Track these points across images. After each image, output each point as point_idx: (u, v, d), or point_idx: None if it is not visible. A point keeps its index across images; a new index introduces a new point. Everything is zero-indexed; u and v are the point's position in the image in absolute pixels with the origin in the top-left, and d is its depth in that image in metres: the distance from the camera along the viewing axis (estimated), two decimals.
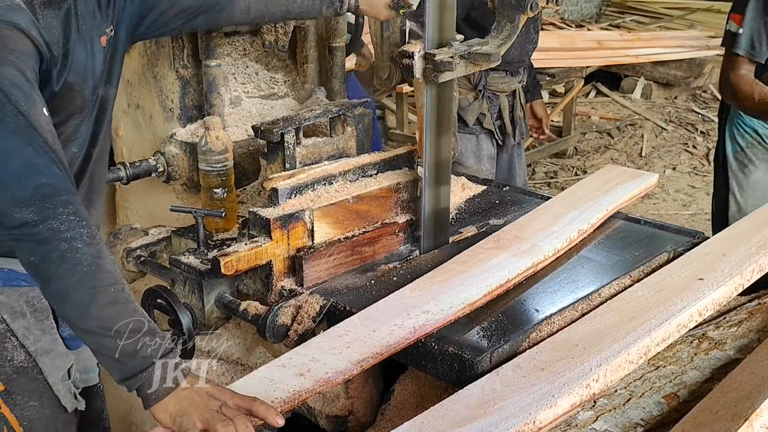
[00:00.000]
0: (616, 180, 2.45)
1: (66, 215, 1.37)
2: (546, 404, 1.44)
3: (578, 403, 1.51)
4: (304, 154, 2.27)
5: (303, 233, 2.00)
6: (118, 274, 1.44)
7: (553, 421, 1.46)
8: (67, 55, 1.58)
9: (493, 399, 1.48)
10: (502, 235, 2.12)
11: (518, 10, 2.03)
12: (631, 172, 2.56)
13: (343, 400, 1.94)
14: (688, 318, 1.74)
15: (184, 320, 1.89)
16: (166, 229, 2.32)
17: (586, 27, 8.49)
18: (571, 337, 1.69)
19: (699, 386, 1.65)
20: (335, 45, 2.58)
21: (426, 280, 1.92)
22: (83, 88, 1.62)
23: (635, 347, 1.61)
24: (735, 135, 2.91)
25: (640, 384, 1.64)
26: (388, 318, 1.75)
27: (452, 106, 2.11)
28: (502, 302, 1.89)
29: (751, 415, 1.36)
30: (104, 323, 1.38)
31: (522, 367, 1.59)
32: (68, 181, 1.44)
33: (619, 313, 1.76)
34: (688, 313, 1.73)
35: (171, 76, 2.39)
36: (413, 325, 1.72)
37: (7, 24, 1.45)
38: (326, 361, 1.59)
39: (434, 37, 1.98)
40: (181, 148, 2.36)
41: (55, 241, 1.36)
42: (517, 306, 1.88)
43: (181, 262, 2.04)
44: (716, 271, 1.89)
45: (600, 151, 6.54)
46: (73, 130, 1.66)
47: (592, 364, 1.55)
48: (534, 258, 2.00)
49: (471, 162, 3.22)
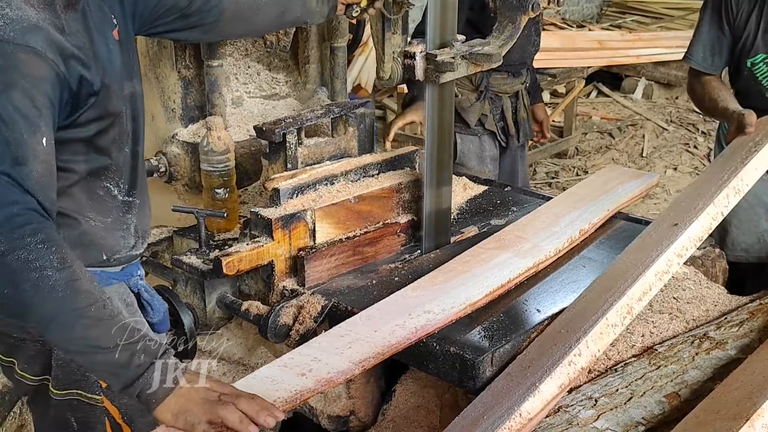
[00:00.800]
0: (618, 180, 2.46)
1: (34, 244, 1.35)
2: (530, 393, 1.45)
3: (566, 383, 1.51)
4: (306, 154, 2.27)
5: (304, 233, 2.00)
6: (98, 291, 1.42)
7: (543, 408, 1.46)
8: (96, 56, 1.56)
9: (484, 412, 1.49)
10: (504, 235, 2.13)
11: (520, 11, 2.03)
12: (632, 172, 2.57)
13: (345, 400, 1.94)
14: (666, 263, 1.72)
15: (186, 320, 1.89)
16: (168, 229, 2.32)
17: (587, 27, 8.48)
18: (555, 326, 1.71)
19: (700, 386, 1.65)
20: (337, 45, 2.58)
21: (427, 280, 1.92)
22: (113, 85, 1.61)
23: (613, 309, 1.61)
24: (721, 137, 2.90)
25: (641, 383, 1.64)
26: (390, 318, 1.75)
27: (452, 106, 2.12)
28: (503, 302, 1.89)
29: (753, 415, 1.36)
30: (92, 343, 1.38)
31: (512, 374, 1.61)
32: (44, 208, 1.41)
33: (599, 287, 1.77)
34: (665, 258, 1.72)
35: (173, 77, 2.40)
36: (415, 325, 1.72)
37: (22, 48, 1.42)
38: (328, 360, 1.60)
39: (436, 37, 1.98)
40: (183, 149, 2.36)
41: (25, 271, 1.34)
42: (518, 306, 1.88)
43: (182, 262, 2.05)
44: (690, 212, 1.89)
45: (601, 151, 6.54)
46: (119, 131, 1.65)
47: (571, 341, 1.56)
48: (536, 258, 2.00)
49: (474, 163, 3.22)
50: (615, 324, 1.61)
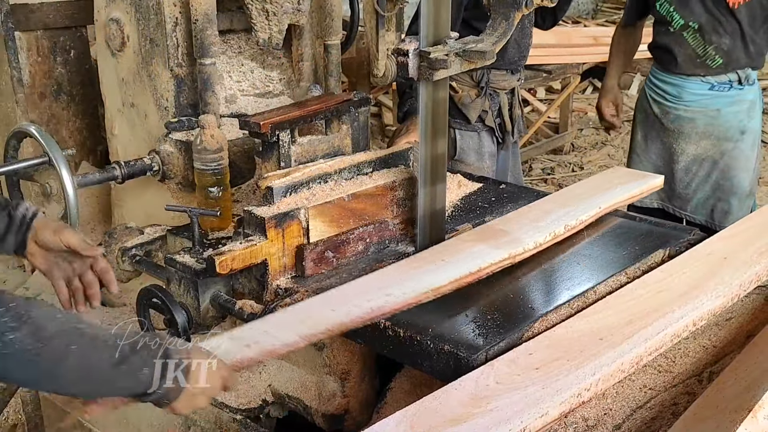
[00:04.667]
0: (618, 180, 2.43)
1: None
2: (538, 413, 1.44)
3: (568, 411, 1.51)
4: (300, 152, 2.27)
5: (298, 232, 2.00)
6: (71, 321, 1.34)
7: (543, 427, 1.46)
8: None
9: (487, 396, 1.48)
10: (486, 228, 2.12)
11: (513, 8, 2.03)
12: (636, 174, 2.54)
13: (339, 398, 1.94)
14: (683, 327, 1.73)
15: (180, 319, 1.89)
16: (162, 228, 2.32)
17: (583, 23, 8.48)
18: (568, 334, 1.69)
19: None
20: (330, 43, 2.58)
21: (396, 267, 1.93)
22: None
23: (629, 356, 1.61)
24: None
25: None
26: (348, 299, 1.75)
27: (446, 104, 2.11)
28: (497, 299, 1.88)
29: (755, 406, 1.35)
30: (87, 385, 1.35)
31: (517, 363, 1.59)
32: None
33: (617, 313, 1.75)
34: (683, 322, 1.72)
35: (166, 75, 2.39)
36: (371, 306, 1.72)
37: None
38: (277, 334, 1.62)
39: (429, 34, 1.97)
40: (176, 147, 2.35)
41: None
42: (512, 303, 1.88)
43: (176, 261, 2.04)
44: (716, 277, 1.87)
45: (597, 147, 6.54)
46: None
47: (586, 372, 1.54)
48: (512, 250, 1.98)
49: (473, 159, 3.23)
50: (624, 371, 1.61)
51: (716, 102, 3.16)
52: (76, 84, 2.85)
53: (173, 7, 2.33)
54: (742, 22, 3.05)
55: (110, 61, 2.53)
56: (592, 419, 1.53)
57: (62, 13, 2.77)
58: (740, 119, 3.18)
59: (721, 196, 3.22)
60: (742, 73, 3.14)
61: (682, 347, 1.77)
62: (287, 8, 2.36)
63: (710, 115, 3.17)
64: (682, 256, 2.00)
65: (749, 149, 3.21)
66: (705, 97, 3.16)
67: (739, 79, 3.14)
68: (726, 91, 3.15)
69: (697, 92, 3.17)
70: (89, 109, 2.91)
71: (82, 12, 2.76)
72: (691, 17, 3.08)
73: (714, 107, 3.16)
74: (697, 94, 3.17)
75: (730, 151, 3.19)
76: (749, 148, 3.21)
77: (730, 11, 3.04)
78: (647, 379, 1.66)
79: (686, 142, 3.22)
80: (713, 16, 3.05)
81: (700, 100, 3.17)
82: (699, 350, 1.77)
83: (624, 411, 1.57)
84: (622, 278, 1.98)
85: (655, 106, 3.30)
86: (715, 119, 3.17)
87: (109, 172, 2.28)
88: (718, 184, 3.22)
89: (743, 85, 3.15)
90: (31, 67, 2.73)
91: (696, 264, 1.94)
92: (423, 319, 1.78)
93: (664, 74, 3.27)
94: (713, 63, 3.12)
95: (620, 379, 1.62)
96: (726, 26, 3.06)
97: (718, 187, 3.22)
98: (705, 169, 3.22)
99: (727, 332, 1.83)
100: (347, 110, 2.35)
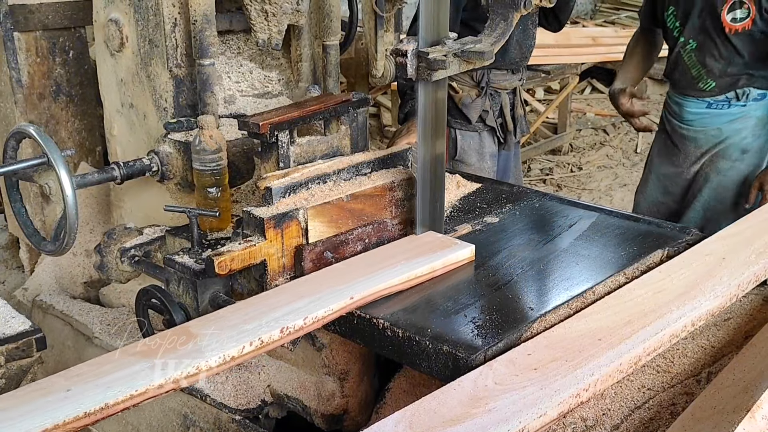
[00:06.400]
0: (413, 252, 2.03)
1: None
2: (536, 413, 1.45)
3: (566, 411, 1.51)
4: (298, 152, 2.27)
5: (297, 232, 2.00)
6: None
7: (541, 427, 1.47)
8: None
9: (485, 397, 1.48)
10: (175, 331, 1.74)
11: (512, 8, 2.03)
12: (449, 242, 2.10)
13: (338, 399, 1.94)
14: (681, 328, 1.73)
15: (179, 320, 1.89)
16: (161, 228, 2.32)
17: (581, 23, 8.49)
18: (567, 335, 1.69)
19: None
20: (329, 43, 2.58)
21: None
22: None
23: (628, 356, 1.61)
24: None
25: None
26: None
27: (445, 104, 2.11)
28: (496, 299, 1.89)
29: (753, 407, 1.36)
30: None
31: (516, 364, 1.59)
32: None
33: (615, 314, 1.75)
34: (682, 323, 1.73)
35: (165, 75, 2.39)
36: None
37: None
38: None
39: (428, 35, 1.97)
40: (175, 148, 2.35)
41: None
42: (511, 304, 1.88)
43: (175, 261, 2.04)
44: (714, 278, 1.88)
45: (595, 147, 6.55)
46: None
47: (585, 372, 1.55)
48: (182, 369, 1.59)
49: (474, 159, 3.23)
50: (623, 371, 1.61)
51: (716, 121, 3.04)
52: (75, 85, 2.85)
53: (172, 8, 2.33)
54: (740, 49, 2.92)
55: (109, 62, 2.53)
56: (590, 419, 1.54)
57: (61, 14, 2.77)
58: (743, 137, 3.02)
59: (711, 217, 3.07)
60: (741, 91, 2.99)
61: (681, 348, 1.77)
62: (286, 9, 2.36)
63: (711, 134, 3.06)
64: (681, 257, 2.00)
65: (748, 170, 3.03)
66: (704, 116, 3.06)
67: (737, 96, 3.00)
68: (725, 109, 3.02)
69: (694, 110, 3.07)
70: (88, 110, 2.90)
71: (81, 12, 2.76)
72: (691, 35, 3.00)
73: (714, 126, 3.05)
74: (694, 113, 3.08)
75: (725, 171, 3.06)
76: (748, 169, 3.03)
77: (725, 36, 2.92)
78: (646, 379, 1.66)
79: (689, 162, 3.12)
80: (710, 38, 2.95)
81: (700, 120, 3.06)
82: (697, 351, 1.77)
83: (622, 411, 1.57)
84: (621, 279, 1.98)
85: (667, 123, 3.20)
86: (716, 138, 3.05)
87: (108, 172, 2.28)
88: (709, 205, 3.10)
89: (745, 101, 2.99)
90: (30, 67, 2.73)
91: (694, 264, 1.95)
92: (422, 319, 1.78)
93: (671, 91, 3.19)
94: (705, 86, 3.02)
95: (619, 379, 1.62)
96: (721, 50, 2.94)
97: (708, 207, 3.10)
98: (698, 186, 3.11)
99: (726, 333, 1.84)
100: (346, 111, 2.35)
